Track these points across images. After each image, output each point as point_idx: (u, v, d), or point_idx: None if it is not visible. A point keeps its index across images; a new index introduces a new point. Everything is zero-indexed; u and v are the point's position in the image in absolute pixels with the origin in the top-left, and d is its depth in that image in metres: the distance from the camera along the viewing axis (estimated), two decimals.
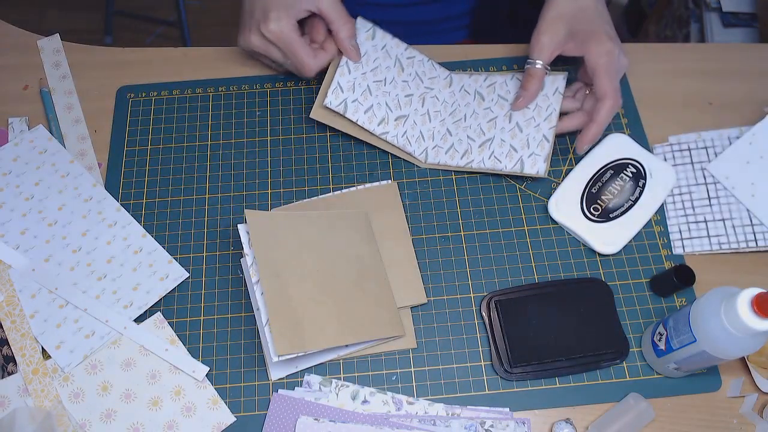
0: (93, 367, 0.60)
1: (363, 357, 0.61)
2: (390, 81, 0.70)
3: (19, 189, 0.68)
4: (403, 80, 0.70)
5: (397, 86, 0.70)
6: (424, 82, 0.71)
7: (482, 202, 0.68)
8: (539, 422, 0.59)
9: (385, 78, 0.69)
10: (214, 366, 0.61)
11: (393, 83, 0.70)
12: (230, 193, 0.69)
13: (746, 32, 1.26)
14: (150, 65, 0.77)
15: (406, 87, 0.70)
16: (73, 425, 0.58)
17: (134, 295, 0.63)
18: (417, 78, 0.71)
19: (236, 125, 0.73)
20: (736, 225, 0.65)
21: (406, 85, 0.70)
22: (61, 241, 0.65)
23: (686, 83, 0.73)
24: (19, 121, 0.73)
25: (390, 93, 0.69)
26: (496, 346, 0.61)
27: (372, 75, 0.69)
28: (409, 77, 0.71)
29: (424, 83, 0.71)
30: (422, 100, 0.70)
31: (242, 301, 0.64)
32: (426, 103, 0.70)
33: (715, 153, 0.69)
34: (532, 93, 0.67)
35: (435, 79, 0.72)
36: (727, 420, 0.58)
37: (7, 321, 0.61)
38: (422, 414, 0.58)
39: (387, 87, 0.69)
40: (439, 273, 0.65)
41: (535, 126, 0.67)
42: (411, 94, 0.70)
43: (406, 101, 0.70)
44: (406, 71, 0.71)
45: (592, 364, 0.60)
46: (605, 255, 0.65)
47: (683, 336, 0.53)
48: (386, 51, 0.71)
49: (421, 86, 0.71)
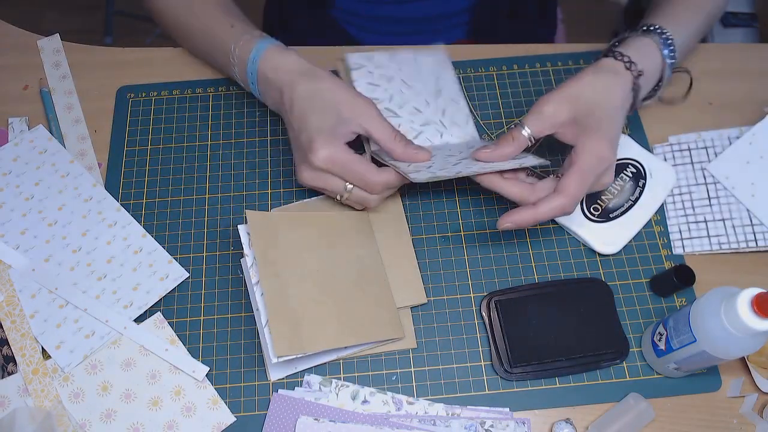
0: (93, 367, 0.60)
1: (363, 357, 0.61)
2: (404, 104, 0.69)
3: (19, 189, 0.68)
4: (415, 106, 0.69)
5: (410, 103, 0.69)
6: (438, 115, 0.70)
7: (482, 202, 0.68)
8: (539, 422, 0.59)
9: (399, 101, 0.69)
10: (214, 366, 0.61)
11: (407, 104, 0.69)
12: (230, 193, 0.69)
13: (746, 32, 1.26)
14: (150, 65, 0.77)
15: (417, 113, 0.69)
16: (73, 425, 0.58)
17: (134, 295, 0.63)
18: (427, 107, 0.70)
19: (236, 125, 0.73)
20: (736, 225, 0.65)
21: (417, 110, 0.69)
22: (61, 241, 0.65)
23: (686, 83, 0.73)
24: (19, 121, 0.73)
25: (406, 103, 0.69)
26: (496, 346, 0.61)
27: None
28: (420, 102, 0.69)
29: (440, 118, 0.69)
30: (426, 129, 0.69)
31: (242, 301, 0.64)
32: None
33: (715, 153, 0.69)
34: (501, 155, 0.60)
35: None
36: (727, 420, 0.58)
37: (7, 321, 0.61)
38: (422, 414, 0.58)
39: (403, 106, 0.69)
40: (439, 273, 0.65)
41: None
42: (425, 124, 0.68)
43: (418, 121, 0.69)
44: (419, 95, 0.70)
45: (592, 364, 0.60)
46: (605, 255, 0.65)
47: (683, 336, 0.53)
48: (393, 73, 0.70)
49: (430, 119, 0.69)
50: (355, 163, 0.59)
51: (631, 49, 0.62)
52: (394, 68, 0.70)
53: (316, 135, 0.58)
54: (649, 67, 0.63)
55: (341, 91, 0.60)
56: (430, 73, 0.72)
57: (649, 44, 0.63)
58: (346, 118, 0.59)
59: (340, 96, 0.60)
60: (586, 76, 0.60)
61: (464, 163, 0.61)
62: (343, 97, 0.60)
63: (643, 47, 0.63)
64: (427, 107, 0.69)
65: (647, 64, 0.62)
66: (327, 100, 0.59)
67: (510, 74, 0.76)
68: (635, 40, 0.64)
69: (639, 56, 0.62)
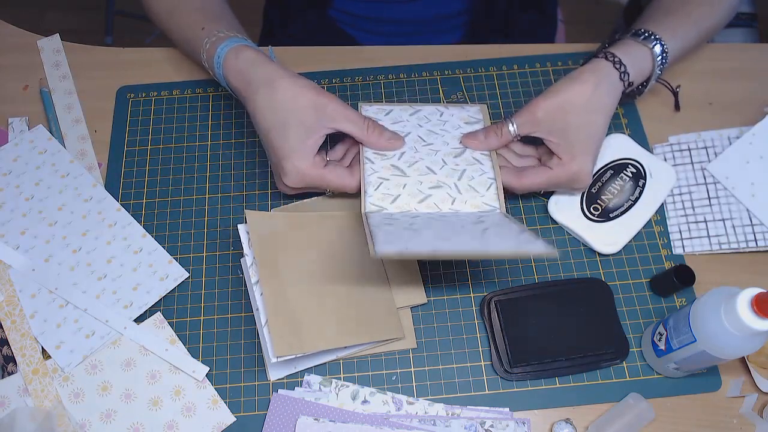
0: (93, 367, 0.60)
1: (363, 357, 0.61)
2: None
3: (19, 189, 0.68)
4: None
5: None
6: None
7: None
8: (539, 422, 0.59)
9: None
10: (214, 366, 0.61)
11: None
12: (230, 193, 0.69)
13: (746, 32, 1.26)
14: (150, 65, 0.77)
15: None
16: (73, 425, 0.58)
17: (134, 295, 0.63)
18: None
19: (236, 125, 0.73)
20: (736, 225, 0.65)
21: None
22: (61, 241, 0.65)
23: (686, 83, 0.73)
24: (19, 121, 0.73)
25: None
26: (496, 346, 0.61)
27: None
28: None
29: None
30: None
31: (242, 301, 0.64)
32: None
33: (715, 153, 0.69)
34: (486, 146, 0.63)
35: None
36: (727, 420, 0.58)
37: (7, 321, 0.61)
38: (422, 414, 0.58)
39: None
40: (439, 273, 0.65)
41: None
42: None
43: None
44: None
45: (592, 364, 0.60)
46: (605, 255, 0.65)
47: (683, 336, 0.53)
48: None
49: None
50: (326, 175, 0.60)
51: (628, 57, 0.62)
52: (413, 123, 0.66)
53: (283, 156, 0.58)
54: (637, 77, 0.64)
55: (300, 98, 0.58)
56: (455, 128, 0.66)
57: (645, 53, 0.64)
58: (311, 126, 0.58)
59: (300, 103, 0.58)
60: (586, 87, 0.59)
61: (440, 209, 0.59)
62: (303, 103, 0.58)
63: (639, 56, 0.63)
64: (443, 168, 0.62)
65: (636, 73, 0.63)
66: (290, 113, 0.58)
67: (510, 74, 0.76)
68: (633, 46, 0.64)
69: (633, 65, 0.62)
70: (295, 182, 0.60)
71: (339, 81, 0.76)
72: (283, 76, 0.59)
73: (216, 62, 0.62)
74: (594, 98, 0.60)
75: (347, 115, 0.59)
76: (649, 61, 0.64)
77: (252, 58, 0.60)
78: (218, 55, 0.62)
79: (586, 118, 0.60)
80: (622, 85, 0.62)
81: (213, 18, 0.67)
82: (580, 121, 0.59)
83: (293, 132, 0.58)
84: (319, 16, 0.88)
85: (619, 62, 0.61)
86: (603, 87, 0.60)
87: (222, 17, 0.69)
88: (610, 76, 0.61)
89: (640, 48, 0.63)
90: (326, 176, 0.60)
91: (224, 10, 0.71)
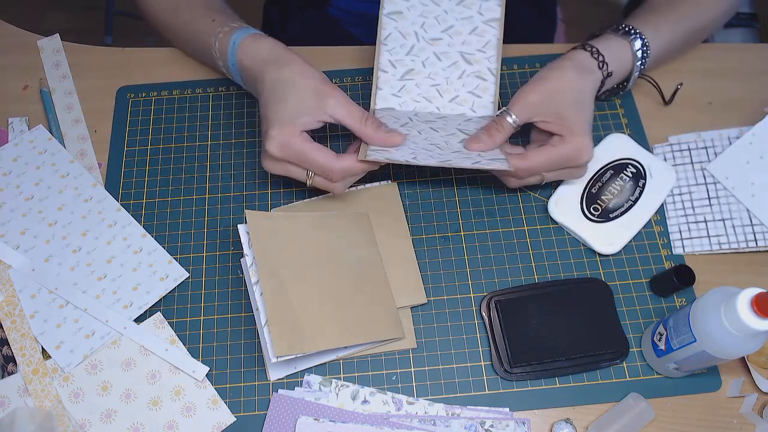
0: (93, 367, 0.60)
1: (363, 357, 0.61)
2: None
3: (19, 189, 0.68)
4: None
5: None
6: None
7: (482, 202, 0.68)
8: (539, 422, 0.59)
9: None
10: (214, 366, 0.61)
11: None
12: (230, 193, 0.69)
13: (746, 32, 1.27)
14: (150, 65, 0.77)
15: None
16: (73, 425, 0.58)
17: (134, 295, 0.63)
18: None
19: (236, 125, 0.73)
20: (736, 225, 0.65)
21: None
22: (61, 241, 0.65)
23: (686, 83, 0.73)
24: (19, 121, 0.73)
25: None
26: (496, 346, 0.61)
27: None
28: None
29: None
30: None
31: (242, 301, 0.64)
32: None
33: (715, 153, 0.69)
34: (494, 144, 0.62)
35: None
36: (727, 420, 0.58)
37: (7, 321, 0.61)
38: (422, 414, 0.58)
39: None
40: (439, 273, 0.65)
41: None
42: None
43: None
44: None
45: (592, 364, 0.60)
46: (605, 255, 0.65)
47: (683, 336, 0.53)
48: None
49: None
50: (312, 151, 0.58)
51: (608, 50, 0.64)
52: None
53: (272, 123, 0.58)
54: (618, 69, 0.65)
55: (307, 79, 0.59)
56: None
57: (624, 47, 0.65)
58: (310, 106, 0.58)
59: (306, 83, 0.59)
60: (568, 73, 0.62)
61: (449, 155, 0.60)
62: (309, 84, 0.59)
63: (619, 49, 0.65)
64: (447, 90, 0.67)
65: (617, 67, 0.65)
66: (292, 88, 0.59)
67: (510, 74, 0.76)
68: (613, 40, 0.65)
69: (612, 57, 0.64)
70: (275, 149, 0.58)
71: (339, 80, 0.76)
72: (298, 59, 0.61)
73: (230, 48, 0.63)
74: (578, 82, 0.62)
75: (347, 106, 0.60)
76: (628, 54, 0.65)
77: (272, 42, 0.63)
78: (233, 41, 0.63)
79: (576, 97, 0.61)
80: (601, 74, 0.64)
81: (221, 12, 0.69)
82: (572, 100, 0.61)
83: (290, 106, 0.58)
84: (318, 14, 0.88)
85: (597, 52, 0.63)
86: (583, 72, 0.62)
87: (228, 13, 0.70)
88: (588, 63, 0.63)
89: (618, 41, 0.65)
90: (310, 152, 0.58)
91: (227, 8, 0.72)
